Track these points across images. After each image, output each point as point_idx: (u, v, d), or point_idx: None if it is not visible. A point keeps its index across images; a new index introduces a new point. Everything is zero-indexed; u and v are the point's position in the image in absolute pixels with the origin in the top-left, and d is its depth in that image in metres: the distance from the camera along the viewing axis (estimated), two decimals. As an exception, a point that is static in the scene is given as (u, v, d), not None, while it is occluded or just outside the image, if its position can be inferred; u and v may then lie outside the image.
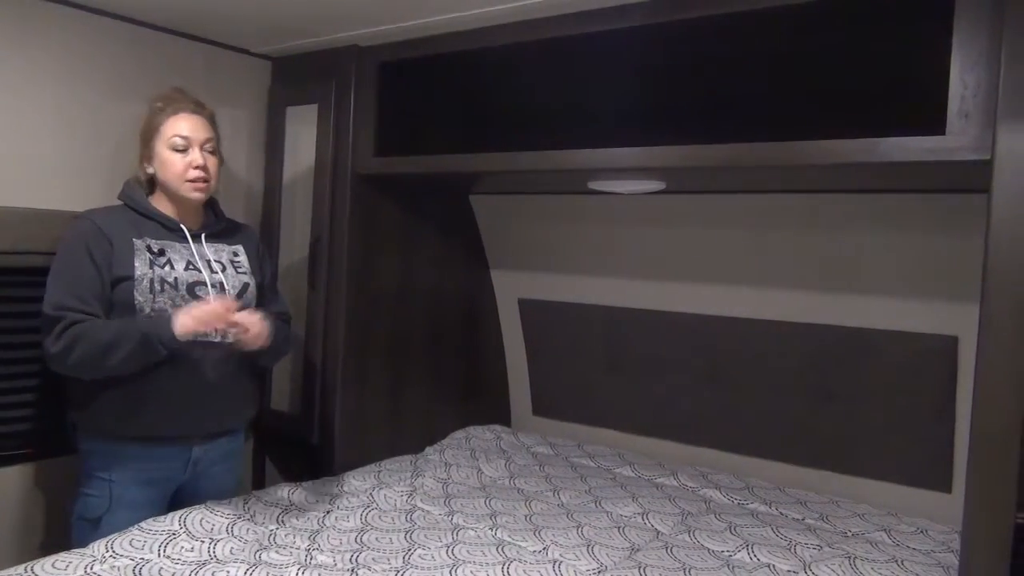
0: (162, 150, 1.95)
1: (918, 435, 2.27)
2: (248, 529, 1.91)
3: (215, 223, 2.08)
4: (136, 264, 1.86)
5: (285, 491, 2.18)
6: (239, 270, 2.04)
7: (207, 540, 1.81)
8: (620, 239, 2.70)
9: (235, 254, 2.07)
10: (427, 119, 2.60)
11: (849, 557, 1.92)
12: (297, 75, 2.63)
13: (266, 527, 1.95)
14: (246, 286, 2.03)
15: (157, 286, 1.86)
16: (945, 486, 2.23)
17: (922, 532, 2.10)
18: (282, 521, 2.00)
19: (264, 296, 2.13)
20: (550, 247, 2.87)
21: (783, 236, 2.36)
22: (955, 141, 1.51)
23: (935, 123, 1.53)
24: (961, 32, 1.50)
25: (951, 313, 2.12)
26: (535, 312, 3.02)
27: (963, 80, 1.50)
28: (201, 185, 1.96)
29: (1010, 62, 1.43)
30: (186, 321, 1.80)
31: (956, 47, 1.51)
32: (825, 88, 1.86)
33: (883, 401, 2.32)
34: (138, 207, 1.96)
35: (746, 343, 2.53)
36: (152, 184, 2.01)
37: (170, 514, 1.88)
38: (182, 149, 1.94)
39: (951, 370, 2.17)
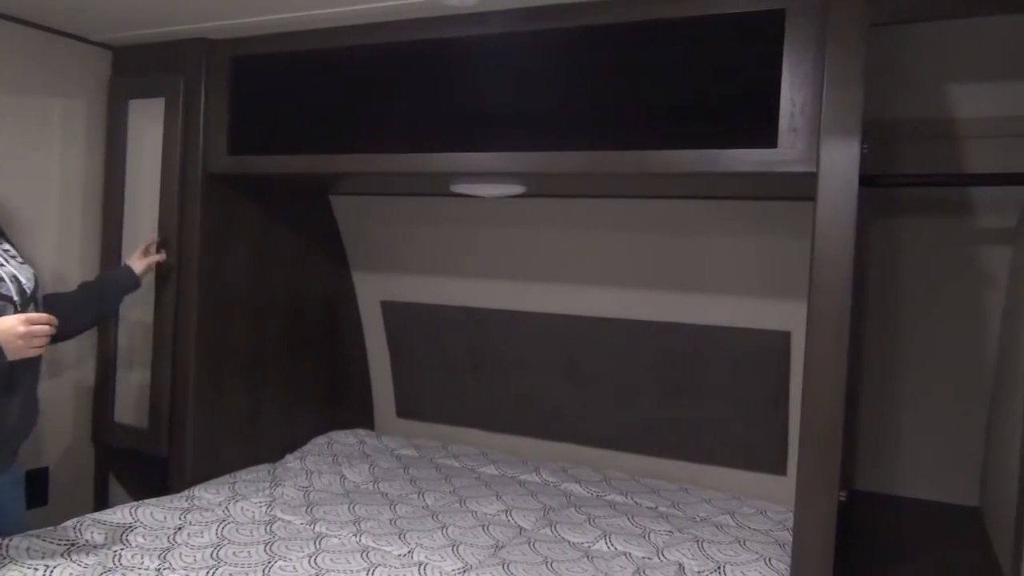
0: None
1: (757, 423, 2.46)
2: (88, 553, 1.78)
3: None
4: None
5: (126, 511, 2.04)
6: (20, 261, 1.82)
7: (41, 568, 1.67)
8: (482, 241, 2.73)
9: (5, 248, 1.84)
10: (286, 117, 2.51)
11: (698, 541, 2.05)
12: (141, 66, 2.47)
13: (109, 548, 1.83)
14: (35, 277, 1.82)
15: None
16: (781, 469, 2.43)
17: (761, 513, 2.27)
18: (127, 541, 1.88)
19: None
20: (413, 249, 2.87)
21: (637, 239, 2.47)
22: (785, 154, 1.65)
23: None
24: (790, 55, 1.64)
25: (784, 310, 2.31)
26: (398, 314, 3.00)
27: (792, 98, 1.64)
28: None
29: (831, 83, 1.58)
30: (18, 346, 1.60)
31: (786, 68, 1.65)
32: (677, 101, 1.95)
33: (727, 393, 2.49)
34: None
35: (603, 341, 2.64)
36: None
37: None
38: None
39: (785, 363, 2.36)
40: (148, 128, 2.43)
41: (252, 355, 2.61)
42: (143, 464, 2.49)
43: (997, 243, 2.22)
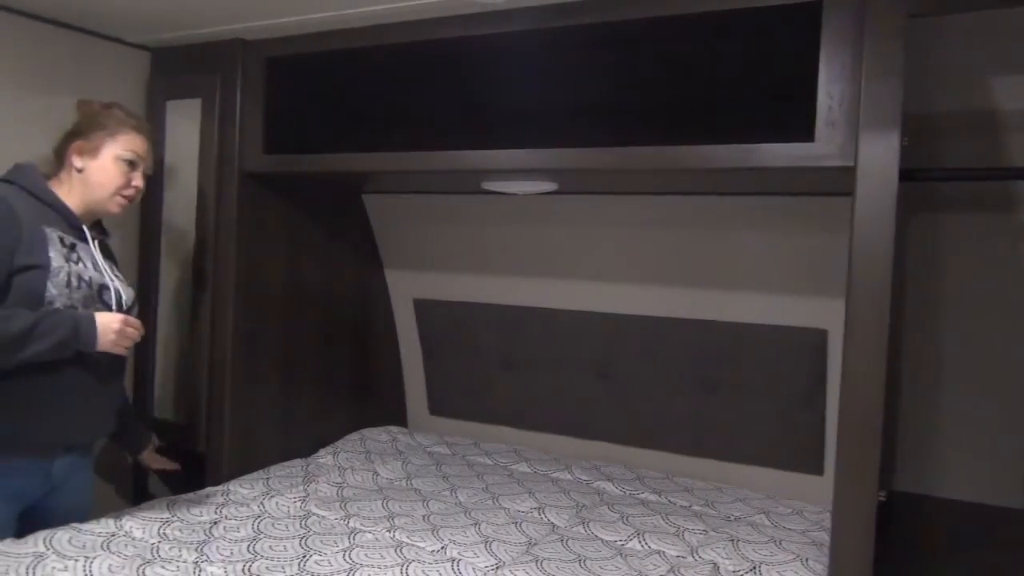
0: (108, 157, 1.89)
1: (792, 423, 2.42)
2: (127, 544, 1.82)
3: (102, 230, 2.01)
4: (51, 254, 1.76)
5: (163, 505, 2.08)
6: (123, 281, 1.98)
7: (80, 559, 1.70)
8: (514, 239, 2.73)
9: (114, 264, 2.01)
10: (319, 116, 2.53)
11: (732, 540, 2.03)
12: (178, 68, 2.51)
13: (147, 541, 1.86)
14: (133, 297, 1.98)
15: (74, 281, 1.78)
16: (817, 469, 2.39)
17: (797, 513, 2.24)
18: (164, 534, 1.91)
19: None
20: (444, 247, 2.88)
21: (669, 236, 2.45)
22: (822, 149, 1.62)
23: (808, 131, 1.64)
24: (827, 47, 1.61)
25: (821, 308, 2.27)
26: (430, 312, 3.01)
27: (829, 92, 1.62)
28: (126, 203, 1.94)
29: (869, 76, 1.55)
30: (110, 340, 1.78)
31: (823, 61, 1.62)
32: (711, 95, 1.94)
33: (761, 391, 2.46)
34: (42, 196, 1.84)
35: (635, 339, 2.62)
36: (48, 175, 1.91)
37: (31, 536, 1.75)
38: (131, 166, 1.92)
39: (821, 361, 2.32)
40: (185, 129, 2.47)
41: (286, 352, 2.64)
42: (180, 460, 2.53)
43: (1042, 239, 2.17)
